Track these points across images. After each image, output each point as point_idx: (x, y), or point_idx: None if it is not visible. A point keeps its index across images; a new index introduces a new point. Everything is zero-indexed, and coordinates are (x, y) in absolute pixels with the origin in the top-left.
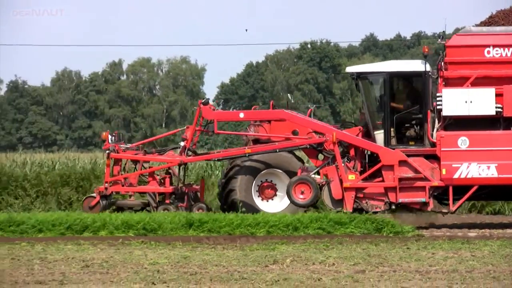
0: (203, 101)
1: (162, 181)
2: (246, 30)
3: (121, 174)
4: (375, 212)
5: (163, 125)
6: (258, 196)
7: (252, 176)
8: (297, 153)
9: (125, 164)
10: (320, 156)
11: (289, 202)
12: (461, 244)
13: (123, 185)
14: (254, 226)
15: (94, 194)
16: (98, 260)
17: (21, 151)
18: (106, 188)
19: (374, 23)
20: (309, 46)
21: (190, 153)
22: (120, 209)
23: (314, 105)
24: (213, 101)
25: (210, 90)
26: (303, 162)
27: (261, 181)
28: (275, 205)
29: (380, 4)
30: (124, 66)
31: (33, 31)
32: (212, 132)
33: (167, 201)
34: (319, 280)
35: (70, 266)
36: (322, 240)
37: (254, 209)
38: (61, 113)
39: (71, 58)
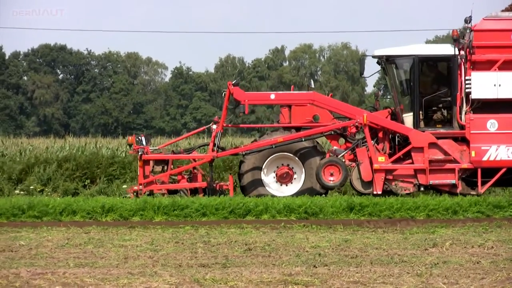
0: (233, 82)
1: (191, 178)
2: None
3: (152, 175)
4: (405, 194)
5: None
6: (277, 182)
7: (260, 161)
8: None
9: (153, 167)
10: (341, 141)
11: (299, 187)
12: None
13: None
14: (414, 209)
15: (128, 195)
16: (260, 243)
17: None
18: (140, 189)
19: None
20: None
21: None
22: None
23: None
24: (374, 86)
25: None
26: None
27: (281, 164)
28: (293, 189)
29: None
30: (286, 53)
31: (196, 18)
32: (243, 113)
33: (201, 195)
34: (477, 263)
35: (233, 250)
36: (481, 223)
37: (262, 194)
38: None
39: (234, 44)
